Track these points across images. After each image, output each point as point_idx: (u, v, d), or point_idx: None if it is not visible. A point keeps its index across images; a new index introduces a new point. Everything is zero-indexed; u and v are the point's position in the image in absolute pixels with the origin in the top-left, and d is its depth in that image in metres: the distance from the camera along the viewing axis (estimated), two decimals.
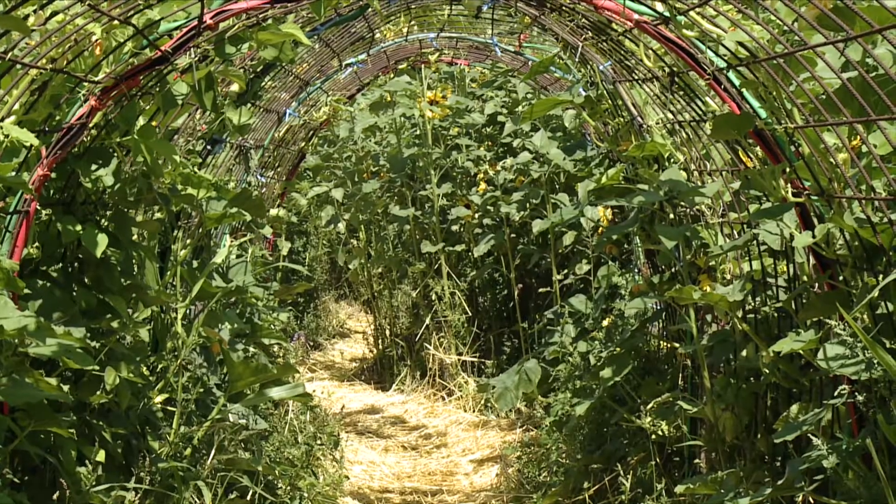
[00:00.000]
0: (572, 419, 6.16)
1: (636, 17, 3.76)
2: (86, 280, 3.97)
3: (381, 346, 10.05)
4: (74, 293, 3.85)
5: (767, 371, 3.87)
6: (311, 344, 11.15)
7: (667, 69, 4.47)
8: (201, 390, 4.86)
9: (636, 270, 6.42)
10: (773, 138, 3.56)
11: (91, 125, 3.68)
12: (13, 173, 3.17)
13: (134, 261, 4.16)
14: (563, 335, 6.55)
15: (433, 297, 9.37)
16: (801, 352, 3.37)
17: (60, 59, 3.45)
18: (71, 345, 2.88)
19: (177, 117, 4.82)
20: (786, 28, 3.25)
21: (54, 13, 3.24)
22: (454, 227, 9.52)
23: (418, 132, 9.81)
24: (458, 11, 6.91)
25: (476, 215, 9.19)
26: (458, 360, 9.08)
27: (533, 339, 8.29)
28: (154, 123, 4.20)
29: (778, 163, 3.57)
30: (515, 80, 9.45)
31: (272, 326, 6.59)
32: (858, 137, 3.21)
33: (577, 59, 5.57)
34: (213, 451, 4.90)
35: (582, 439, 6.06)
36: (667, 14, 3.71)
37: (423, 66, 9.54)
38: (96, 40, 3.53)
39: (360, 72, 8.84)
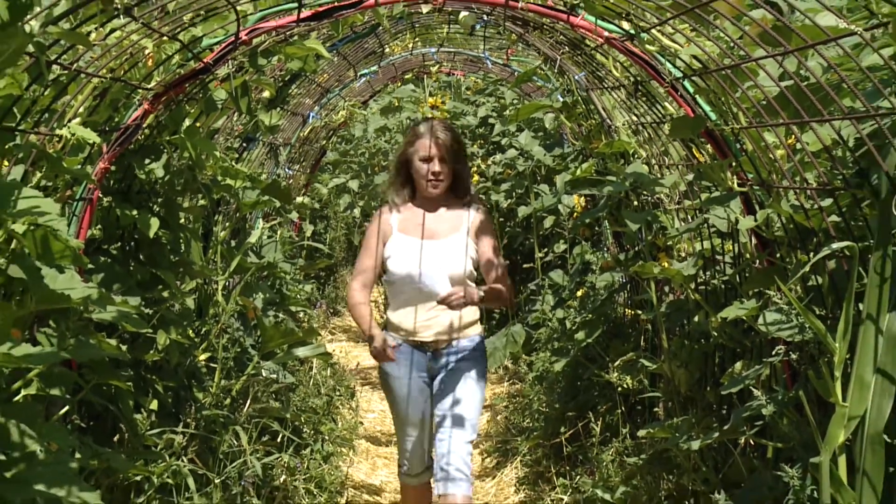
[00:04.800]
0: (551, 374, 6.18)
1: (606, 34, 3.75)
2: (140, 257, 3.97)
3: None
4: (131, 268, 3.86)
5: (716, 334, 3.88)
6: (331, 311, 11.15)
7: (632, 78, 4.46)
8: (238, 350, 4.87)
9: (605, 249, 6.42)
10: (721, 137, 3.56)
11: (144, 126, 3.68)
12: (79, 166, 3.17)
13: (181, 240, 4.16)
14: (543, 304, 6.56)
15: None
16: (744, 318, 3.37)
17: (118, 69, 3.44)
18: (128, 311, 2.87)
19: (217, 119, 4.82)
20: (732, 43, 3.25)
21: (113, 30, 3.23)
22: None
23: None
24: (455, 30, 6.89)
25: None
26: None
27: (518, 307, 8.29)
28: (198, 124, 4.19)
29: (725, 158, 3.57)
30: (503, 87, 9.43)
31: (298, 296, 6.60)
32: (794, 136, 3.20)
33: (555, 70, 5.56)
34: (248, 401, 4.91)
35: (559, 391, 6.07)
36: (632, 32, 3.70)
37: (425, 76, 9.52)
38: (148, 53, 3.52)
39: (373, 81, 8.83)
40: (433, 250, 4.44)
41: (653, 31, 3.61)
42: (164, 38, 3.46)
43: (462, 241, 4.47)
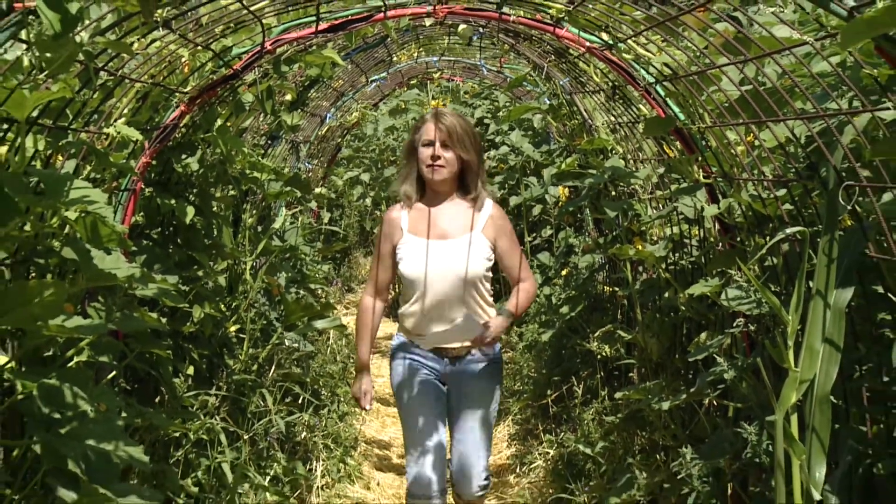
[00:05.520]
0: (539, 344, 6.18)
1: (588, 44, 3.74)
2: (178, 240, 3.97)
3: (397, 290, 10.04)
4: (170, 250, 3.86)
5: (684, 308, 3.88)
6: (346, 288, 11.15)
7: (610, 83, 4.45)
8: (264, 322, 4.88)
9: (587, 234, 6.42)
10: (689, 135, 3.56)
11: (181, 125, 3.68)
12: (124, 161, 3.17)
13: (214, 226, 4.16)
14: None
15: None
16: (708, 294, 3.37)
17: (158, 75, 3.43)
18: (167, 289, 2.88)
19: (245, 119, 4.81)
20: (699, 52, 3.24)
21: (153, 41, 3.23)
22: None
23: None
24: (455, 41, 6.88)
25: None
26: None
27: (510, 285, 8.29)
28: (228, 124, 4.19)
29: (692, 153, 3.56)
30: (497, 92, 9.40)
31: (317, 275, 6.60)
32: (752, 134, 3.20)
33: (543, 76, 5.54)
34: (273, 367, 4.92)
35: (546, 359, 6.08)
36: (610, 42, 3.69)
37: (428, 81, 9.50)
38: (185, 61, 3.52)
39: (382, 86, 8.81)
40: (445, 251, 3.74)
41: (629, 41, 3.60)
42: (199, 47, 3.45)
43: (476, 241, 3.74)
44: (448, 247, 3.75)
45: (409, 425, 3.83)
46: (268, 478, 4.43)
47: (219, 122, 3.96)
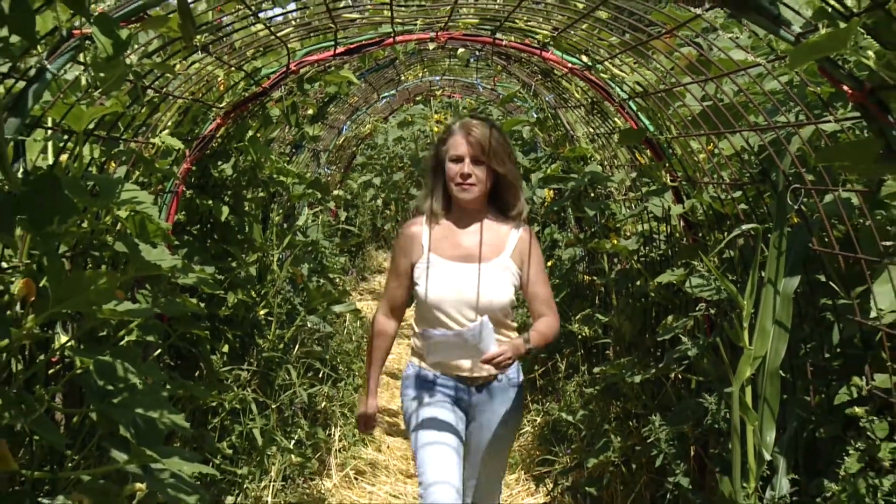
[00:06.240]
0: (528, 325, 6.17)
1: (570, 65, 3.74)
2: (214, 236, 3.98)
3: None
4: (207, 244, 3.87)
5: (653, 294, 3.89)
6: (360, 278, 11.16)
7: (589, 99, 4.45)
8: (289, 307, 4.89)
9: (569, 230, 6.42)
10: (657, 144, 3.56)
11: (217, 136, 3.68)
12: (168, 167, 3.17)
13: (246, 223, 4.17)
14: None
15: None
16: (674, 282, 3.38)
17: (197, 92, 3.43)
18: (205, 277, 2.88)
19: (273, 131, 4.81)
20: (666, 72, 3.24)
21: (193, 62, 3.23)
22: None
23: (429, 140, 9.78)
24: (454, 63, 6.87)
25: None
26: None
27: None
28: (258, 135, 4.19)
29: (661, 160, 3.57)
30: (492, 107, 9.39)
31: (335, 266, 6.61)
32: (712, 144, 3.20)
33: (531, 93, 5.54)
34: (297, 346, 4.93)
35: None
36: (590, 63, 3.69)
37: (431, 98, 9.49)
38: (220, 80, 3.52)
39: (391, 101, 8.80)
40: (469, 275, 2.96)
41: (605, 63, 3.60)
42: (232, 68, 3.46)
43: (505, 266, 2.99)
44: (473, 271, 2.97)
45: (427, 468, 2.91)
46: (292, 441, 4.45)
47: (250, 133, 3.96)
